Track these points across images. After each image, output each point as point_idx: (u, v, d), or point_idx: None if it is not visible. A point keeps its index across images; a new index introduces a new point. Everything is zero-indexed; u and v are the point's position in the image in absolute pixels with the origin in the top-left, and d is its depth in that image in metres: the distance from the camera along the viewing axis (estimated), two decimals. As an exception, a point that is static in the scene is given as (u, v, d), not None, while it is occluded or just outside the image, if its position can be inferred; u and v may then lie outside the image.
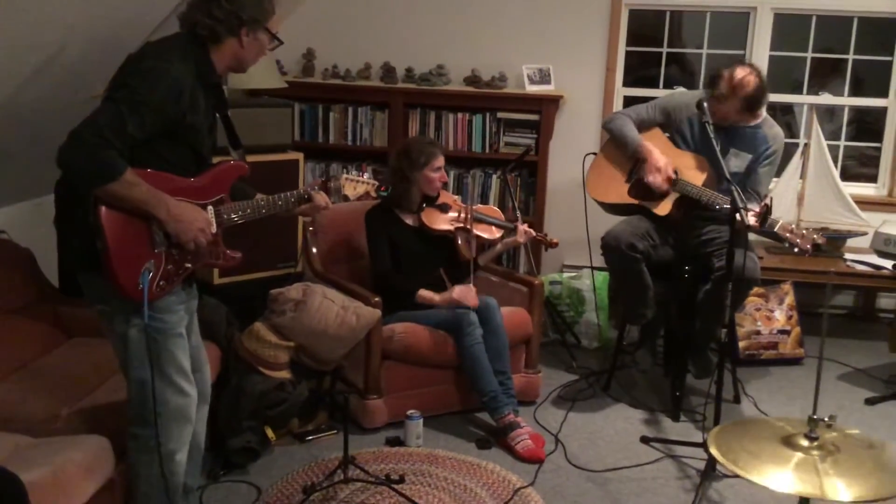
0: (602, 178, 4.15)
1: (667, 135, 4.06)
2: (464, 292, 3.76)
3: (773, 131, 3.90)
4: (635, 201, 3.99)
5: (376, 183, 3.02)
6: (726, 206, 3.42)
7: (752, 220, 3.43)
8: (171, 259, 2.48)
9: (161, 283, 2.46)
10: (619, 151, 4.09)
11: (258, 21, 2.55)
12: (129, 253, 2.38)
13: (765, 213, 3.39)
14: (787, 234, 3.47)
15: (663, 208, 3.90)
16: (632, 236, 3.84)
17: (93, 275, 2.44)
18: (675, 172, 3.86)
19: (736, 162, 3.87)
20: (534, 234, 3.98)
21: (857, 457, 2.12)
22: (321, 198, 2.83)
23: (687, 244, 3.95)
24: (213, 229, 2.55)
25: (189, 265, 2.54)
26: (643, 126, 4.04)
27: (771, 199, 3.53)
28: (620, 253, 3.84)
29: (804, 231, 3.47)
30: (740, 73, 3.77)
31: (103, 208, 2.33)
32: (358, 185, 2.96)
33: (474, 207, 3.99)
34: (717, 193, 3.74)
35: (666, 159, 3.88)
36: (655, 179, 3.88)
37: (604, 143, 4.24)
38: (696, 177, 3.84)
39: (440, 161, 3.85)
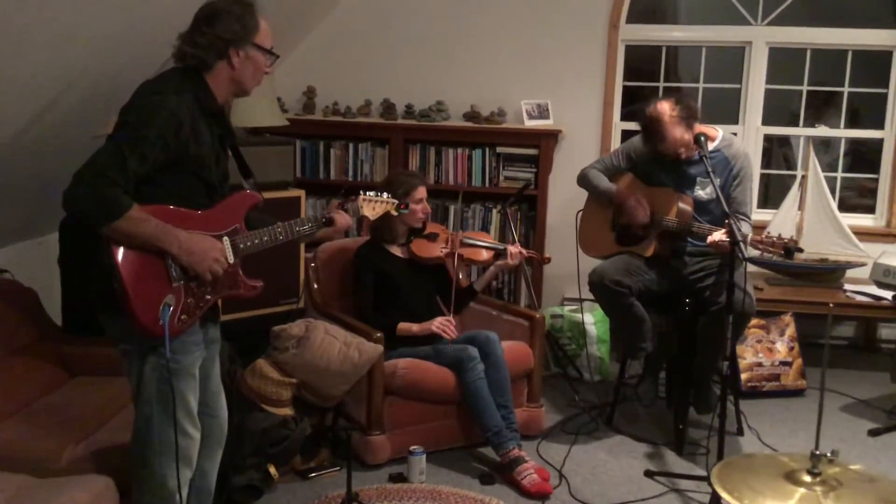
0: (590, 233, 4.24)
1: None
2: (443, 324, 3.78)
3: (732, 150, 3.91)
4: (624, 249, 4.03)
5: (395, 201, 2.96)
6: (699, 230, 3.72)
7: (723, 237, 3.49)
8: (190, 292, 2.45)
9: (182, 317, 2.43)
10: (599, 205, 4.19)
11: (243, 38, 2.50)
12: (147, 290, 2.36)
13: (731, 229, 3.41)
14: (760, 244, 3.50)
15: (648, 249, 3.95)
16: (616, 272, 3.87)
17: (113, 315, 2.43)
18: (651, 211, 3.93)
19: (704, 191, 3.91)
20: (525, 252, 4.00)
21: (859, 492, 2.12)
22: (342, 218, 2.80)
23: (683, 279, 3.96)
24: (231, 259, 2.52)
25: (209, 297, 2.51)
26: (612, 173, 4.13)
27: (742, 217, 3.53)
28: (605, 289, 3.87)
29: (774, 238, 3.48)
30: (654, 105, 3.81)
31: (116, 248, 2.33)
32: (377, 204, 2.91)
33: (463, 233, 4.02)
34: (693, 222, 3.81)
35: (637, 195, 3.96)
36: (635, 216, 3.93)
37: (586, 200, 4.30)
38: (670, 210, 3.89)
39: (421, 192, 3.88)
